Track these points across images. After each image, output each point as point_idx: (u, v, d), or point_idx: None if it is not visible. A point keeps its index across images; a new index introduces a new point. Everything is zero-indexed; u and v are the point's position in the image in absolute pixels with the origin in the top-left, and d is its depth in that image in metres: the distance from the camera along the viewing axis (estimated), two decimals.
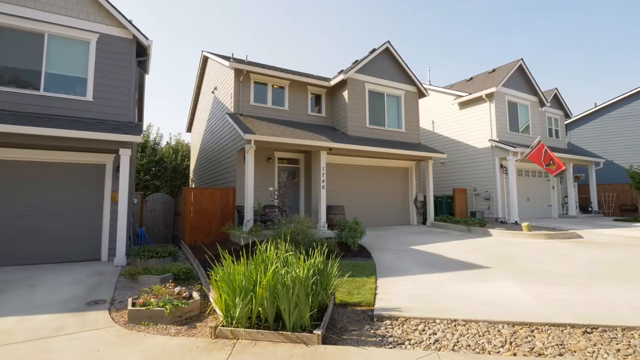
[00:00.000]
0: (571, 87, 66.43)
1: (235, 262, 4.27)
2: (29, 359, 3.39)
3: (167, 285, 4.92)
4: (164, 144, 23.22)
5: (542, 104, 17.66)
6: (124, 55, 8.94)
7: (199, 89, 17.70)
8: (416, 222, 14.70)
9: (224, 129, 12.91)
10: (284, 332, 3.72)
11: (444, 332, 3.91)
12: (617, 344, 3.57)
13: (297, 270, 4.13)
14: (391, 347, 3.59)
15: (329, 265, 4.77)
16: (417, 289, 5.51)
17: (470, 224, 12.43)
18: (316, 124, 13.69)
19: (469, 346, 3.58)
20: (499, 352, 3.47)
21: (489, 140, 15.45)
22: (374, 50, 14.32)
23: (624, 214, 18.60)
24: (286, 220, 8.14)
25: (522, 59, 16.73)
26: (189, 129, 20.75)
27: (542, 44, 70.10)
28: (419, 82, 15.15)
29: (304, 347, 3.56)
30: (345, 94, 13.60)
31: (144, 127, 21.55)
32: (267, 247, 4.82)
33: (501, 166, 15.32)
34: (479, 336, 3.80)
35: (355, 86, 13.68)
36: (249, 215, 9.79)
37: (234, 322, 3.90)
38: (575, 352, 3.45)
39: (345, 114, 13.57)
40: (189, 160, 21.79)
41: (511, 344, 3.62)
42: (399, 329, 4.02)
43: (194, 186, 19.01)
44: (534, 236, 10.75)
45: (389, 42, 14.50)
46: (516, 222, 13.79)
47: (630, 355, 3.37)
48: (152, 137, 22.48)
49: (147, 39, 9.14)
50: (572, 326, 3.98)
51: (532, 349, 3.49)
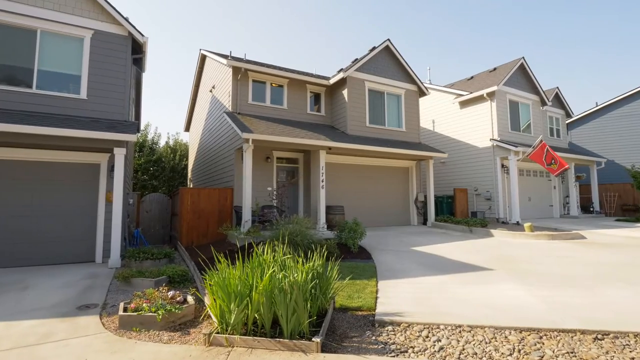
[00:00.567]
0: (572, 86, 66.39)
1: (230, 266, 4.10)
2: None
3: (161, 289, 4.74)
4: (162, 143, 23.06)
5: (543, 103, 17.50)
6: (119, 52, 8.76)
7: (197, 88, 17.51)
8: (416, 223, 14.54)
9: (221, 128, 12.73)
10: (282, 339, 3.54)
11: (448, 338, 3.74)
12: (630, 352, 3.41)
13: (295, 274, 3.96)
14: (394, 356, 3.42)
15: (329, 268, 4.60)
16: (419, 292, 5.35)
17: (471, 225, 12.27)
18: (315, 123, 13.50)
19: (476, 354, 3.41)
20: None
21: (490, 139, 15.28)
22: (374, 48, 14.13)
23: (625, 214, 18.46)
24: (285, 221, 7.97)
25: (523, 58, 16.56)
26: (187, 129, 20.56)
27: (542, 44, 70.05)
28: (420, 80, 14.96)
29: (302, 355, 3.39)
30: (344, 92, 13.42)
31: (142, 127, 21.32)
32: (264, 249, 4.65)
33: (502, 166, 15.16)
34: (486, 343, 3.63)
35: (355, 85, 13.50)
36: (247, 215, 9.62)
37: (229, 328, 3.73)
38: None
39: (344, 113, 13.39)
40: (187, 160, 21.60)
41: (519, 351, 3.45)
42: (402, 335, 3.85)
43: (192, 186, 18.82)
44: (536, 237, 10.59)
45: (389, 40, 14.31)
46: (518, 222, 13.63)
47: None
48: (150, 136, 22.31)
49: (142, 36, 8.96)
50: (582, 332, 3.82)
51: (542, 357, 3.33)
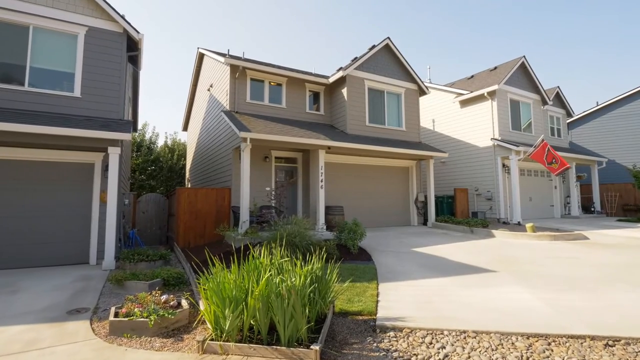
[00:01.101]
0: (572, 86, 66.32)
1: (225, 269, 3.93)
2: None
3: (154, 292, 4.57)
4: (160, 143, 22.87)
5: (544, 102, 17.36)
6: (113, 49, 8.58)
7: (195, 87, 17.31)
8: (417, 223, 14.38)
9: (219, 127, 12.55)
10: (278, 346, 3.38)
11: (453, 345, 3.58)
12: None
13: (293, 278, 3.79)
14: None
15: (328, 270, 4.44)
16: (421, 295, 5.19)
17: (472, 225, 12.12)
18: (314, 122, 13.33)
19: None
20: None
21: (491, 139, 15.13)
22: (374, 46, 13.96)
23: (626, 214, 18.33)
24: (283, 221, 7.80)
25: (524, 56, 16.42)
26: (185, 128, 20.36)
27: (542, 44, 69.98)
28: (420, 79, 14.80)
29: None
30: (344, 91, 13.25)
31: (140, 126, 21.15)
32: (261, 251, 4.48)
33: (503, 165, 15.01)
34: (492, 350, 3.47)
35: (354, 83, 13.34)
36: (245, 216, 9.45)
37: (224, 335, 3.56)
38: None
39: (344, 112, 13.23)
40: (185, 159, 21.40)
41: (528, 359, 3.29)
42: (404, 341, 3.69)
43: (190, 186, 18.64)
44: (538, 237, 10.44)
45: (389, 38, 14.14)
46: (519, 222, 13.48)
47: None
48: (148, 136, 22.10)
49: (138, 32, 8.77)
50: (592, 338, 3.67)
51: None
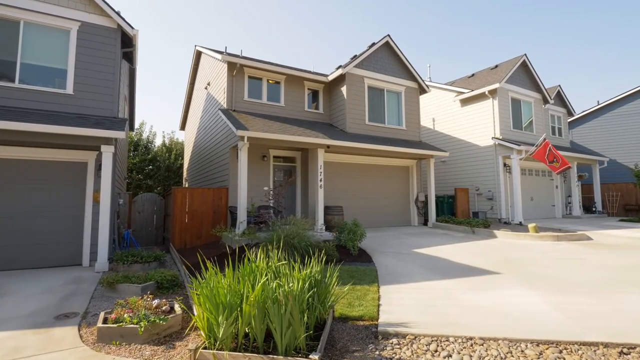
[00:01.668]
0: (572, 86, 66.23)
1: (218, 273, 3.73)
2: None
3: (145, 297, 4.37)
4: (158, 142, 22.64)
5: (545, 101, 17.18)
6: (107, 45, 8.36)
7: (192, 86, 17.10)
8: (417, 223, 14.19)
9: (216, 126, 12.34)
10: (275, 356, 3.18)
11: (459, 353, 3.39)
12: None
13: (291, 283, 3.59)
14: None
15: (328, 273, 4.24)
16: (423, 298, 5.00)
17: (473, 225, 11.93)
18: (313, 121, 13.13)
19: None
20: None
21: (492, 138, 14.95)
22: (374, 44, 13.77)
23: (628, 214, 18.18)
24: (281, 221, 7.61)
25: (525, 55, 16.24)
26: (183, 127, 20.14)
27: (542, 44, 69.87)
28: (420, 77, 14.61)
29: None
30: (343, 89, 13.06)
31: (137, 125, 20.93)
32: (257, 253, 4.28)
33: (504, 165, 14.84)
34: (501, 359, 3.29)
35: (354, 81, 13.14)
36: (242, 216, 9.25)
37: (218, 342, 3.37)
38: None
39: (343, 111, 13.03)
40: (183, 159, 21.19)
41: None
42: (408, 349, 3.50)
43: (187, 186, 18.42)
44: (541, 238, 10.26)
45: (389, 35, 13.95)
46: (520, 222, 13.31)
47: None
48: (145, 135, 21.86)
49: (132, 28, 8.56)
50: (606, 345, 3.49)
51: None
